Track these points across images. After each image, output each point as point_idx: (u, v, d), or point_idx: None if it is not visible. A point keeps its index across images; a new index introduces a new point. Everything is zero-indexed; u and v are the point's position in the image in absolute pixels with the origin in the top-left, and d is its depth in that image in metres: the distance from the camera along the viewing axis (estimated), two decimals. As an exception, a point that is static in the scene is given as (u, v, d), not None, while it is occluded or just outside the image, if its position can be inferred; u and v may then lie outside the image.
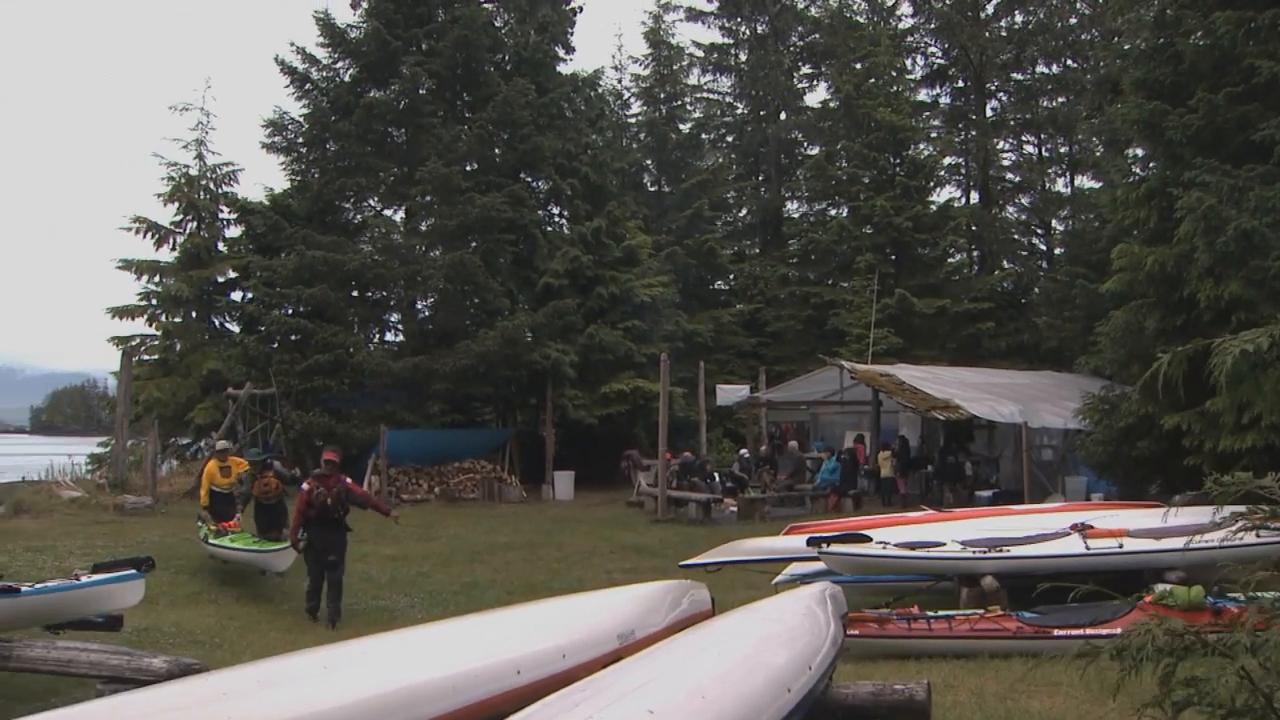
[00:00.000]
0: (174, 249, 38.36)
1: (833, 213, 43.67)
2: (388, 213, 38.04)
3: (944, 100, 48.05)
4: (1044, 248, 46.50)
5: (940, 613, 10.49)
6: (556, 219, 39.62)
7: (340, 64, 37.36)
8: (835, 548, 11.78)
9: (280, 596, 14.02)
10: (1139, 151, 24.91)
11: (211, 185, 39.24)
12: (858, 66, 41.59)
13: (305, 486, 13.18)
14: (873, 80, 40.43)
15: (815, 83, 50.93)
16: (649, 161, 45.87)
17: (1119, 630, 8.62)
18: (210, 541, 15.68)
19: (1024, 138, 47.06)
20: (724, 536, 17.67)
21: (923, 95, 47.39)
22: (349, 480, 13.62)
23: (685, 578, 10.58)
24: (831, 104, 45.54)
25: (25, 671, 7.82)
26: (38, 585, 8.60)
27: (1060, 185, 46.28)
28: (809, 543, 12.08)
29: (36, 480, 29.03)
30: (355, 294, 35.34)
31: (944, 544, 11.90)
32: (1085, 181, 43.66)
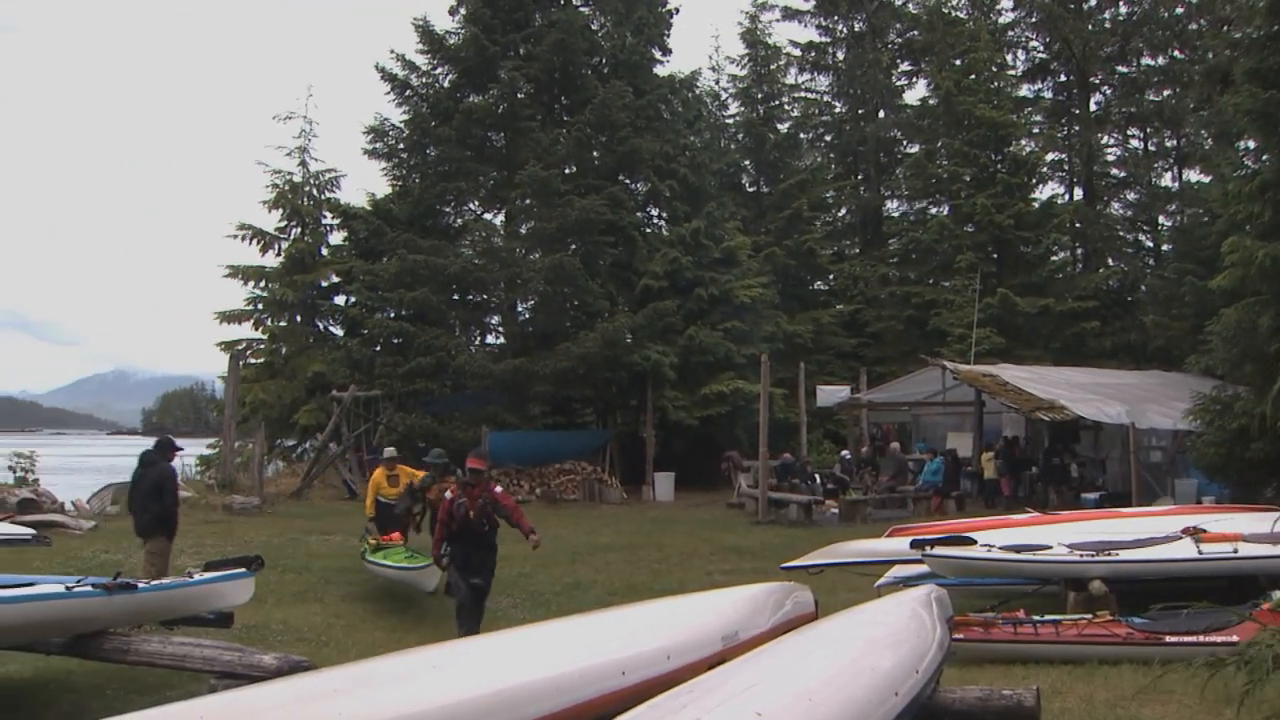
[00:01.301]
0: (279, 255, 39.04)
1: (933, 211, 43.25)
2: (488, 216, 38.42)
3: (1046, 95, 47.32)
4: (1150, 244, 45.56)
5: (1047, 617, 10.31)
6: (655, 221, 39.68)
7: (439, 70, 37.83)
8: (939, 550, 11.65)
9: (384, 596, 14.18)
10: (1251, 143, 24.33)
11: (315, 191, 39.86)
12: (957, 63, 41.13)
13: (448, 495, 11.75)
14: (973, 76, 39.95)
15: (914, 80, 50.44)
16: (747, 162, 45.69)
17: (1235, 638, 8.45)
18: (367, 558, 14.51)
19: (1129, 132, 46.20)
20: (826, 538, 17.55)
21: (1024, 90, 46.70)
22: (498, 489, 11.97)
23: (787, 580, 10.54)
24: (931, 101, 45.04)
25: (142, 665, 8.00)
26: (153, 582, 8.78)
27: (1167, 180, 45.38)
28: (912, 545, 11.96)
29: (150, 480, 29.56)
30: (456, 297, 35.70)
31: (1050, 547, 11.71)
32: (1193, 176, 42.65)
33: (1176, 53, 42.84)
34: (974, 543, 11.80)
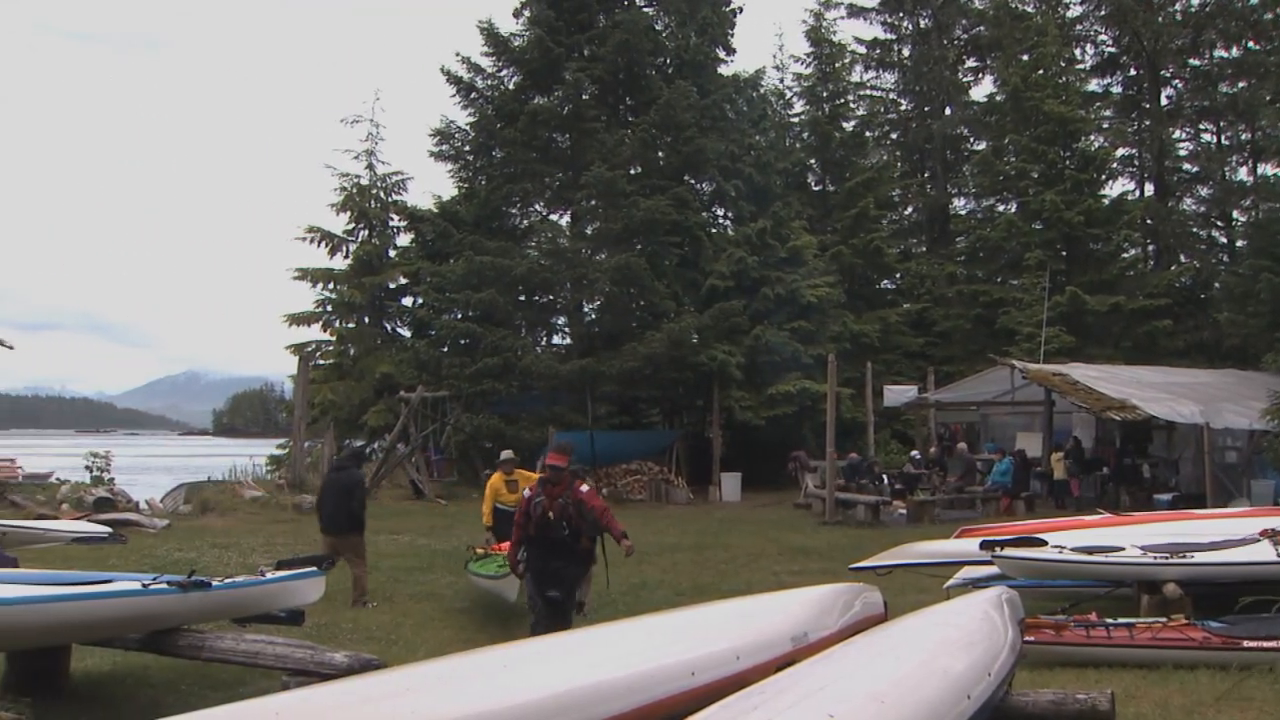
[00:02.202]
0: (347, 257, 39.50)
1: (1001, 209, 42.88)
2: (553, 217, 38.62)
3: (1115, 89, 46.72)
4: (1224, 240, 44.89)
5: (1120, 620, 10.15)
6: (721, 221, 39.70)
7: (504, 72, 38.10)
8: (1009, 551, 11.51)
9: (452, 595, 14.25)
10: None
11: (382, 194, 40.28)
12: (1024, 58, 40.68)
13: (527, 493, 10.66)
14: (1040, 71, 39.52)
15: (980, 76, 50.00)
16: (813, 161, 45.50)
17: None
18: (469, 568, 13.53)
19: (1201, 126, 45.43)
20: (893, 539, 17.43)
21: (1093, 85, 46.20)
22: (585, 489, 10.46)
23: (855, 580, 10.48)
24: (998, 97, 44.55)
25: (216, 662, 8.09)
26: (226, 580, 8.89)
27: (1242, 174, 44.55)
28: (982, 546, 11.83)
29: (221, 480, 30.04)
30: (522, 298, 35.87)
31: (1122, 549, 11.52)
32: (1269, 169, 41.83)
33: (1251, 43, 41.98)
34: (1045, 544, 11.64)
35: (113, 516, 21.21)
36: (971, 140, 48.88)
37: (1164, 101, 44.52)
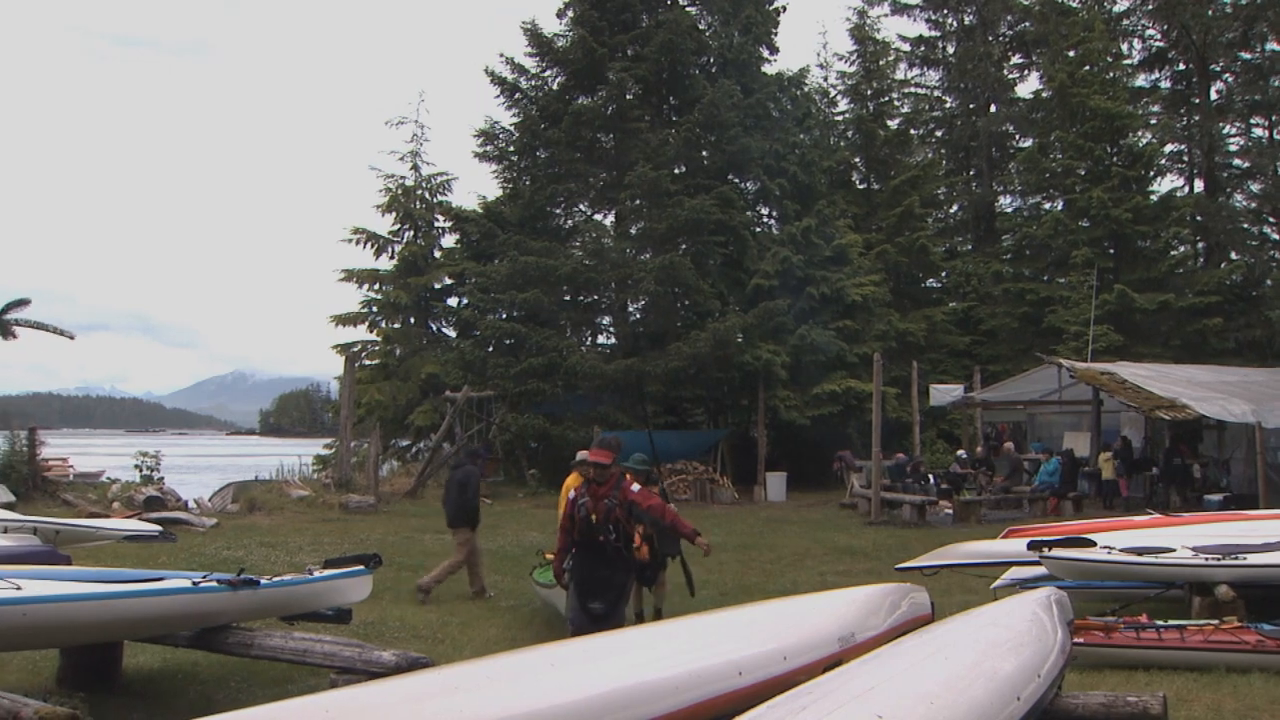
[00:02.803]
0: (392, 258, 39.76)
1: (1047, 206, 42.53)
2: (598, 217, 38.67)
3: (1164, 84, 46.30)
4: (1276, 237, 44.31)
5: (1170, 622, 10.05)
6: (765, 220, 39.64)
7: (548, 72, 38.18)
8: (1057, 552, 11.42)
9: (499, 594, 14.29)
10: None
11: (427, 195, 40.52)
12: (1071, 54, 40.32)
13: (571, 494, 9.87)
14: (1087, 67, 39.19)
15: (1026, 73, 49.70)
16: (857, 159, 45.34)
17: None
18: (533, 573, 12.83)
19: (1252, 120, 44.84)
20: (940, 539, 17.38)
21: (1140, 80, 45.88)
22: (636, 488, 9.58)
23: (902, 581, 10.44)
24: (1044, 94, 44.29)
25: (265, 659, 8.16)
26: (275, 579, 8.96)
27: (1294, 170, 43.91)
28: (1030, 546, 11.75)
29: (268, 479, 30.29)
30: (567, 298, 35.95)
31: (1173, 550, 11.41)
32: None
33: (1304, 37, 41.44)
34: (1093, 544, 11.55)
35: (162, 515, 21.45)
36: (1017, 137, 48.55)
37: (1213, 96, 44.01)
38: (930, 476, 26.81)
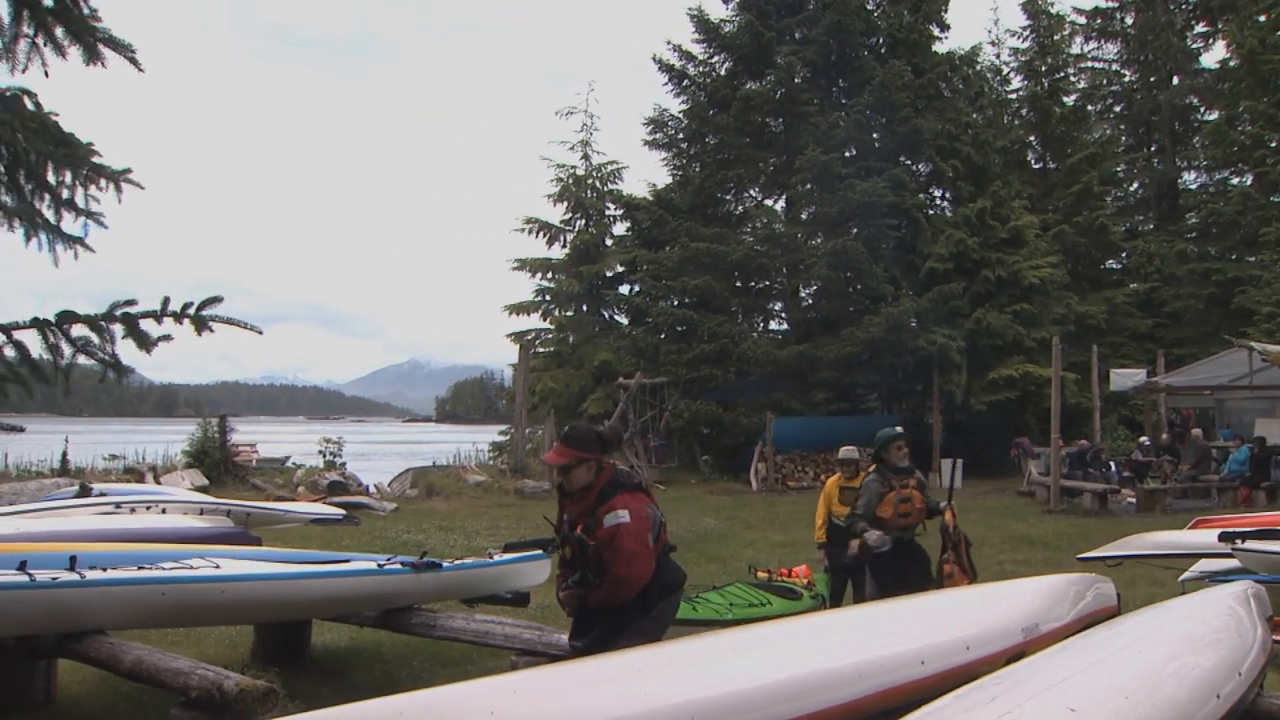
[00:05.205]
0: (564, 247, 40.22)
1: (1235, 181, 41.08)
2: (768, 202, 38.57)
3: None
4: None
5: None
6: (939, 202, 39.08)
7: (716, 58, 38.22)
8: (1252, 544, 11.01)
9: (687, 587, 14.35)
10: None
11: (597, 184, 40.89)
12: (1261, 19, 38.69)
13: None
14: (1279, 32, 37.58)
15: (1211, 41, 47.65)
16: (1032, 138, 44.40)
17: None
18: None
19: None
20: (1122, 529, 16.88)
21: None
22: (618, 516, 6.18)
23: (1084, 571, 10.20)
24: (1231, 62, 42.59)
25: (447, 640, 8.32)
26: (456, 562, 9.15)
27: None
28: (1221, 538, 11.34)
29: (445, 465, 30.93)
30: (739, 284, 35.95)
31: (1377, 541, 10.94)
32: None
33: None
34: (1291, 536, 11.13)
35: (345, 499, 22.16)
36: (1202, 110, 46.80)
37: None
38: (1111, 464, 26.13)
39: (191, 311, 6.97)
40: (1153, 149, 48.35)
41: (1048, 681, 4.67)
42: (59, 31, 7.22)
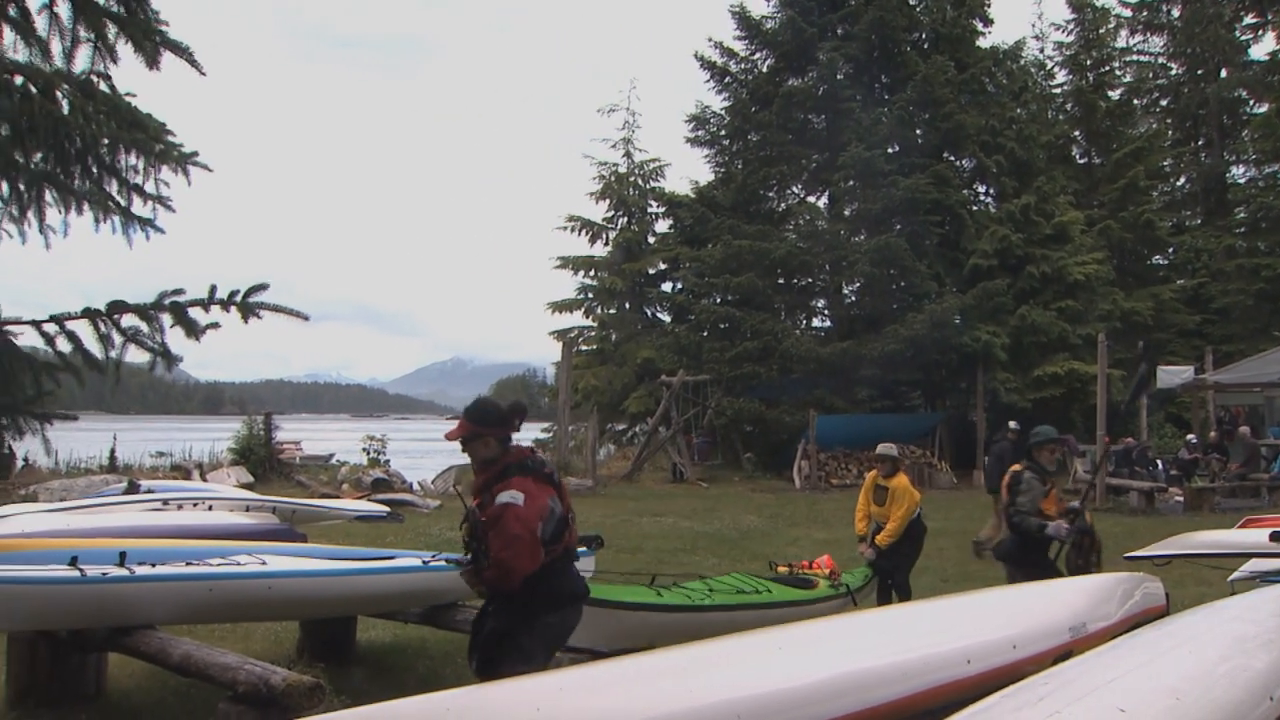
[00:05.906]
0: (607, 244, 40.31)
1: (1285, 175, 40.58)
2: (811, 199, 38.44)
3: None
4: None
5: None
6: (983, 198, 38.86)
7: (758, 55, 38.22)
8: (1304, 543, 10.91)
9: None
10: None
11: (640, 181, 40.95)
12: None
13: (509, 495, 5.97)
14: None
15: (1261, 33, 47.08)
16: (1077, 133, 44.12)
17: None
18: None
19: None
20: (1169, 528, 16.74)
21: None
22: (510, 496, 5.81)
23: (1131, 570, 10.12)
24: (1281, 55, 42.21)
25: (492, 637, 8.40)
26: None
27: None
28: (1272, 537, 11.19)
29: (489, 463, 31.00)
30: (781, 281, 35.90)
31: None
32: None
33: None
34: (1344, 535, 11.00)
35: (389, 496, 22.31)
36: (1251, 103, 46.26)
37: None
38: (1158, 462, 25.91)
39: (238, 299, 7.03)
40: (1200, 143, 47.84)
41: (1096, 681, 4.65)
42: (112, 31, 7.33)
